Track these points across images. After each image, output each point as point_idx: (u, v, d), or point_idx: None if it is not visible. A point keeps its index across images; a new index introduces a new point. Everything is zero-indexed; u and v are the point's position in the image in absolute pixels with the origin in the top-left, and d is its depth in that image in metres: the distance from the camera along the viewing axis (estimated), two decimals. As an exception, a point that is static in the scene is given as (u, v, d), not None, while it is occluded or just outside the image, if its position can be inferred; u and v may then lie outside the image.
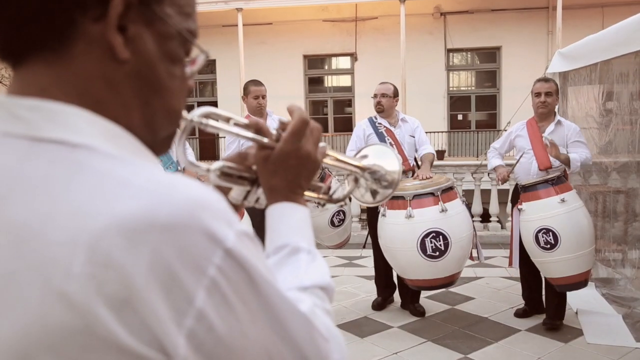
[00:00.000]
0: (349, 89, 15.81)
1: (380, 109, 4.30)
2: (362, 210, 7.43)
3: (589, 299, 4.38)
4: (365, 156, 1.03)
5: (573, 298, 4.19)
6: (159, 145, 0.64)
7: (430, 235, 3.61)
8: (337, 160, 0.95)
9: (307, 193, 0.94)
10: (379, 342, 3.77)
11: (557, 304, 3.93)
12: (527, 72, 12.29)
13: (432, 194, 3.71)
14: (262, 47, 14.73)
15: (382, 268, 4.39)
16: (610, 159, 4.55)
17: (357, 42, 15.00)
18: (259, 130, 0.80)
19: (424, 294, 4.46)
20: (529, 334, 3.84)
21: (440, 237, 3.61)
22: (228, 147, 4.11)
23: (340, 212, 4.20)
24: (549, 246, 3.62)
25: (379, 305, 4.44)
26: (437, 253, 3.61)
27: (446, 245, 3.60)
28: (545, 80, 4.10)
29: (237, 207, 0.90)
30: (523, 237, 3.83)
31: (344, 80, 16.06)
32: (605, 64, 4.31)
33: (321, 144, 0.85)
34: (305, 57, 15.49)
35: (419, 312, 4.26)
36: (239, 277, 0.52)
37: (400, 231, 3.74)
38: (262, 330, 0.54)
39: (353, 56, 15.27)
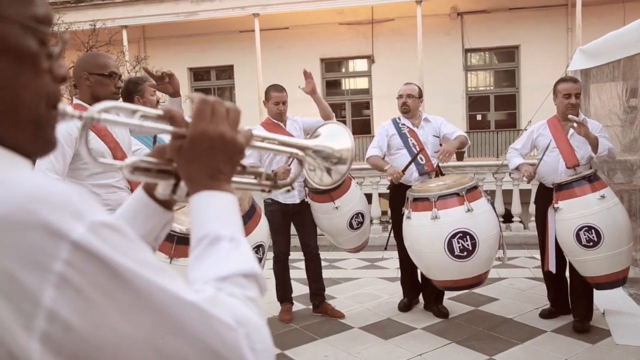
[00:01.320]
0: (367, 92, 15.79)
1: (406, 110, 4.29)
2: (384, 212, 7.42)
3: (616, 299, 4.31)
4: (318, 135, 1.00)
5: (599, 298, 4.12)
6: (29, 146, 0.60)
7: (457, 236, 3.58)
8: (273, 143, 0.92)
9: (247, 180, 0.92)
10: (402, 344, 3.76)
11: (585, 305, 3.85)
12: (547, 70, 12.18)
13: (456, 194, 3.68)
14: (279, 51, 14.79)
15: (408, 269, 4.38)
16: (636, 156, 4.47)
17: (373, 45, 14.99)
18: (172, 119, 0.76)
19: (447, 295, 4.44)
20: (554, 335, 3.79)
21: (468, 237, 3.57)
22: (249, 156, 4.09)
23: (359, 215, 4.19)
24: (591, 244, 3.53)
25: (405, 306, 4.43)
26: (465, 253, 3.57)
27: (474, 245, 3.57)
28: (574, 80, 3.97)
29: (169, 203, 0.87)
30: (560, 237, 3.73)
31: (361, 83, 16.05)
32: (628, 60, 4.24)
33: (246, 127, 0.82)
34: (322, 60, 15.51)
35: (443, 313, 4.24)
36: (96, 270, 0.49)
37: (427, 233, 3.71)
38: (139, 324, 0.51)
39: (370, 58, 15.26)
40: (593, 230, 3.52)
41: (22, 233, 0.46)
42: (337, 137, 0.99)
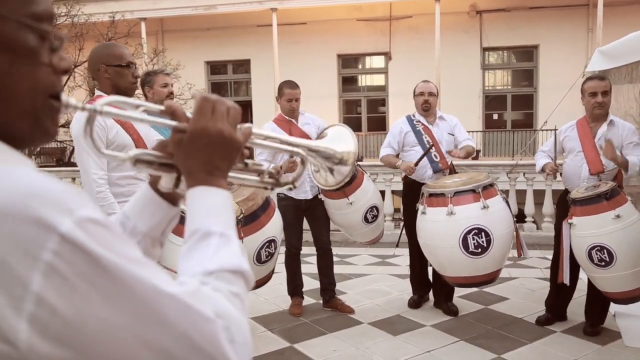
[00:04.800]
0: (383, 88, 15.78)
1: (427, 107, 4.30)
2: (396, 210, 7.43)
3: (627, 302, 4.28)
4: (324, 136, 1.02)
5: (611, 300, 4.10)
6: (27, 135, 0.65)
7: (473, 232, 3.56)
8: (273, 141, 0.94)
9: (250, 177, 0.94)
10: (411, 341, 3.78)
11: (600, 310, 3.81)
12: (566, 71, 12.08)
13: (473, 190, 3.67)
14: (296, 46, 14.82)
15: (418, 266, 4.39)
16: (651, 159, 4.43)
17: (391, 41, 14.96)
18: (173, 113, 0.80)
19: (457, 293, 4.44)
20: (564, 336, 3.79)
21: (483, 233, 3.56)
22: (257, 158, 4.10)
23: (374, 208, 4.20)
24: (603, 263, 3.40)
25: (415, 303, 4.44)
26: (480, 250, 3.56)
27: (488, 241, 3.56)
28: (600, 78, 3.82)
29: (174, 198, 0.90)
30: (574, 251, 3.63)
31: (377, 80, 16.04)
32: (647, 62, 4.22)
33: (246, 125, 0.84)
34: (339, 56, 15.52)
35: (452, 311, 4.25)
36: (82, 260, 0.53)
37: (441, 228, 3.70)
38: (119, 311, 0.55)
39: (387, 55, 15.24)
40: (605, 251, 3.39)
41: (17, 225, 0.51)
42: (340, 138, 1.01)
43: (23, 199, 0.52)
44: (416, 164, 4.10)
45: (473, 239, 3.56)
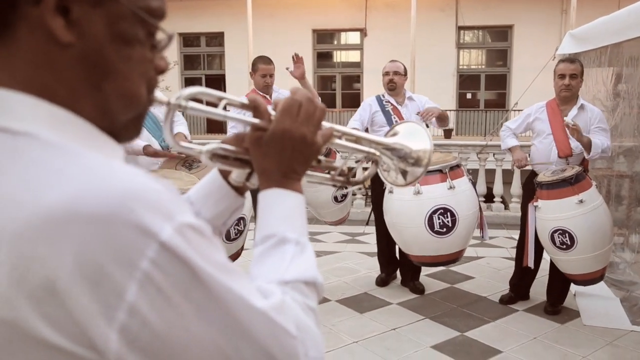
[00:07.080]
0: (358, 65, 15.70)
1: (393, 87, 4.29)
2: (366, 187, 7.46)
3: (588, 282, 4.40)
4: (395, 134, 0.98)
5: (572, 280, 4.21)
6: (121, 130, 0.61)
7: (438, 212, 3.61)
8: (350, 140, 0.91)
9: (321, 175, 0.92)
10: (377, 318, 3.83)
11: (560, 290, 3.92)
12: (539, 52, 12.14)
13: (440, 170, 3.70)
14: (270, 20, 14.60)
15: (385, 245, 4.43)
16: (616, 142, 4.51)
17: (367, 18, 14.84)
18: (256, 109, 0.76)
19: (424, 272, 4.50)
20: (526, 314, 3.89)
21: (448, 213, 3.61)
22: (230, 132, 4.06)
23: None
24: (564, 247, 3.50)
25: (382, 282, 4.50)
26: (445, 229, 3.61)
27: (453, 221, 3.61)
28: (570, 60, 3.83)
29: (241, 189, 0.87)
30: (538, 233, 3.72)
31: (353, 56, 15.94)
32: (615, 46, 4.27)
33: (327, 125, 0.80)
34: (314, 31, 15.35)
35: (419, 289, 4.31)
36: (179, 270, 0.50)
37: (408, 207, 3.73)
38: (210, 326, 0.53)
39: (362, 32, 15.13)
40: (567, 234, 3.47)
41: (117, 228, 0.47)
42: (414, 135, 0.96)
43: (125, 201, 0.48)
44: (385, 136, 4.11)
45: (438, 219, 3.61)
